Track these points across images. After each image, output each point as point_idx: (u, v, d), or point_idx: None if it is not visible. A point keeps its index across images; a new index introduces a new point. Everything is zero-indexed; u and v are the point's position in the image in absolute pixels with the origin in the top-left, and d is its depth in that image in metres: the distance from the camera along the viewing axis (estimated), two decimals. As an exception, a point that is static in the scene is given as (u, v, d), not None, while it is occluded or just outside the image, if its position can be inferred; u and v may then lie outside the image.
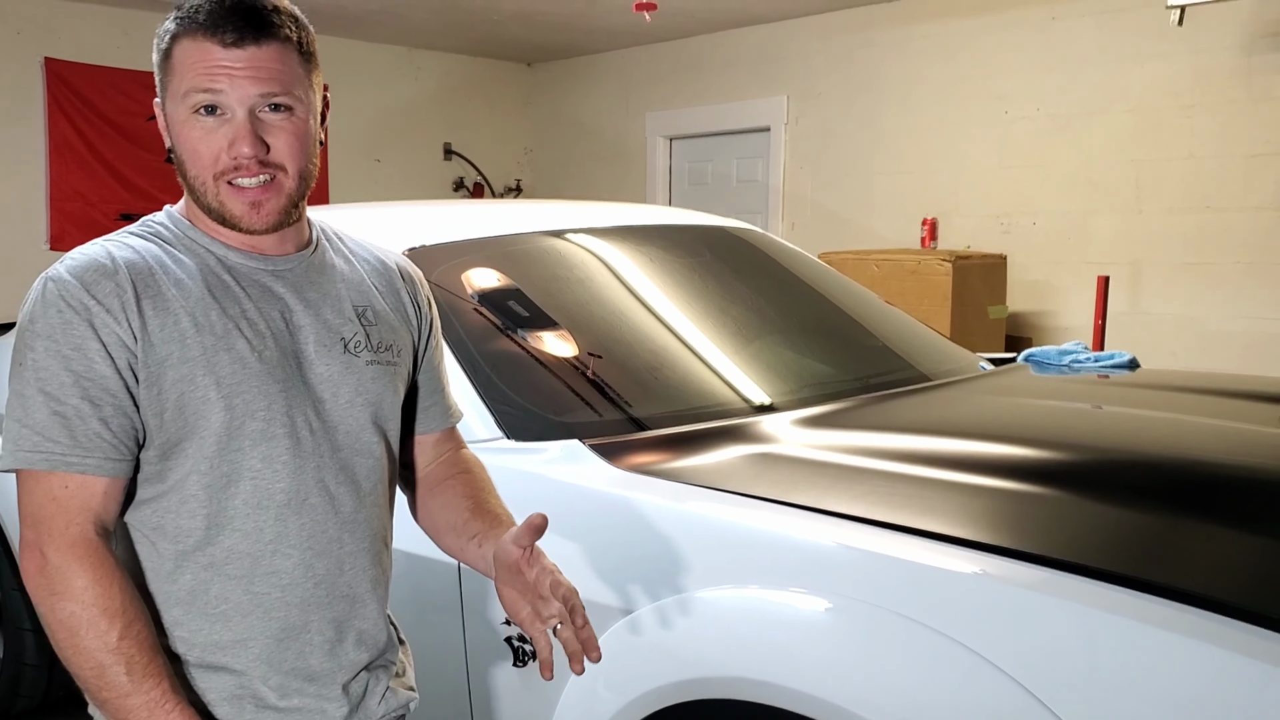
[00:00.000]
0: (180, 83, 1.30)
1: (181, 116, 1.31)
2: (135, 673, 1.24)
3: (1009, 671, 1.40)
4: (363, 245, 1.55)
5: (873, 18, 6.19)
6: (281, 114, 1.31)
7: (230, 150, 1.30)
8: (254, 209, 1.32)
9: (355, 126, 7.29)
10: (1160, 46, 5.15)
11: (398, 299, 1.52)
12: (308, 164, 1.35)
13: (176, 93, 1.31)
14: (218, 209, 1.33)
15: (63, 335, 1.25)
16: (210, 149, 1.30)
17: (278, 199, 1.33)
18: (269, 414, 1.32)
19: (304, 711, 1.38)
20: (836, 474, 1.92)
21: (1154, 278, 5.30)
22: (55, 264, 1.31)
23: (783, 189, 6.70)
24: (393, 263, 1.56)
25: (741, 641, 1.64)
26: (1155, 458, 2.04)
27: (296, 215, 1.38)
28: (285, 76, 1.31)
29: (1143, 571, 1.49)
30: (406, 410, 1.54)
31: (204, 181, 1.32)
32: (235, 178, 1.31)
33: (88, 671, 1.24)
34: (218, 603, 1.33)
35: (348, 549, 1.40)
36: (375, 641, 1.45)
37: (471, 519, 1.51)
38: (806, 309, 2.88)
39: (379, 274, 1.52)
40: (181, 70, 1.30)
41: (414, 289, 1.56)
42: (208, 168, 1.31)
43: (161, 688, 1.25)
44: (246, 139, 1.29)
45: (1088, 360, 2.80)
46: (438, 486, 1.58)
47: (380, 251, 1.57)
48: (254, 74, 1.29)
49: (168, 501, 1.31)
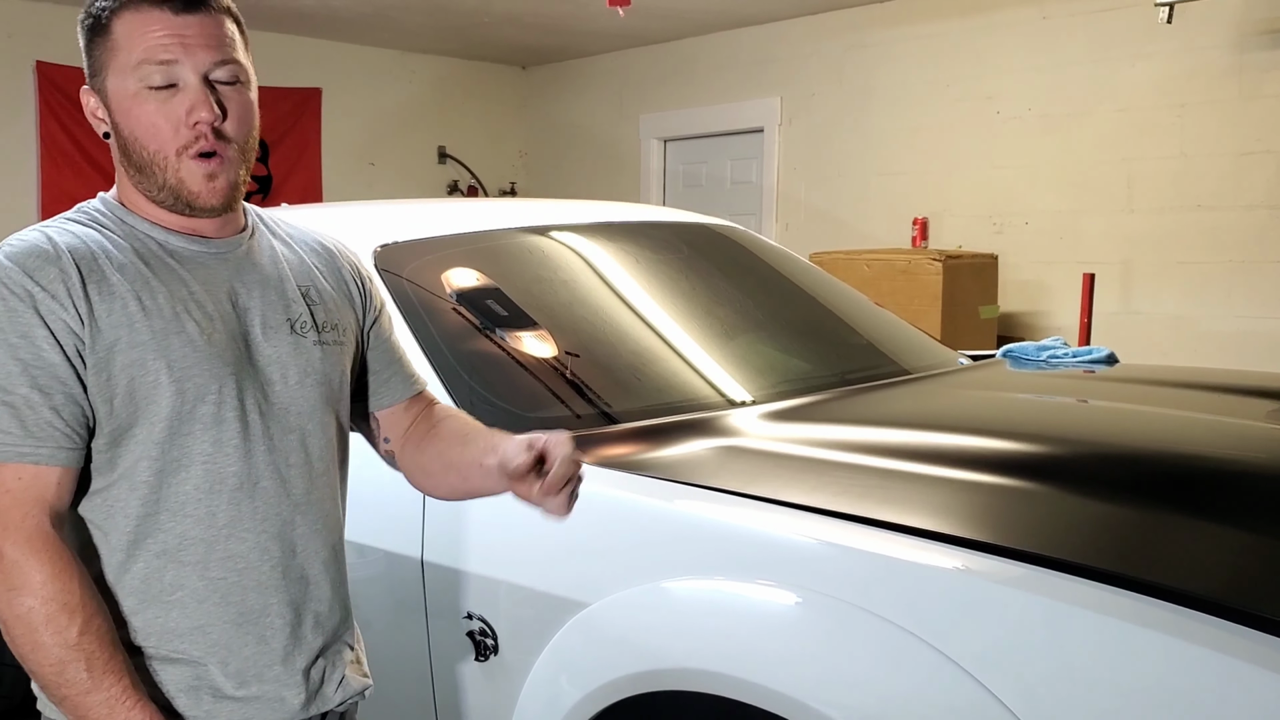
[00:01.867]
0: (128, 56, 1.29)
1: (131, 90, 1.29)
2: (96, 669, 1.23)
3: (970, 669, 1.38)
4: (299, 229, 1.55)
5: (864, 19, 6.19)
6: (231, 86, 1.32)
7: (189, 118, 1.28)
8: (209, 180, 1.31)
9: (349, 130, 7.30)
10: (1151, 45, 5.14)
11: (339, 278, 1.52)
12: (250, 137, 1.36)
13: (124, 67, 1.29)
14: (175, 185, 1.31)
15: (8, 323, 1.24)
16: (169, 121, 1.29)
17: (228, 172, 1.33)
18: (220, 397, 1.31)
19: (262, 700, 1.37)
20: (799, 466, 1.91)
21: (1145, 277, 5.28)
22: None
23: (776, 190, 6.70)
24: (331, 245, 1.56)
25: (699, 634, 1.63)
26: (1124, 450, 2.03)
27: (240, 195, 1.38)
28: (232, 46, 1.32)
29: (1112, 565, 1.47)
30: (373, 387, 1.54)
31: (165, 157, 1.30)
32: (198, 149, 1.29)
33: (47, 669, 1.23)
34: (172, 590, 1.32)
35: (300, 531, 1.39)
36: (330, 624, 1.44)
37: (465, 449, 1.47)
38: (780, 304, 2.87)
39: (319, 255, 1.52)
40: (128, 43, 1.28)
41: (354, 269, 1.57)
42: (169, 141, 1.30)
43: (122, 684, 1.24)
44: (205, 104, 1.28)
45: (1065, 355, 2.79)
46: (424, 441, 1.56)
47: (317, 234, 1.56)
48: (205, 41, 1.29)
49: (117, 489, 1.30)
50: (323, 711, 1.43)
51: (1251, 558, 1.57)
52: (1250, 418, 2.27)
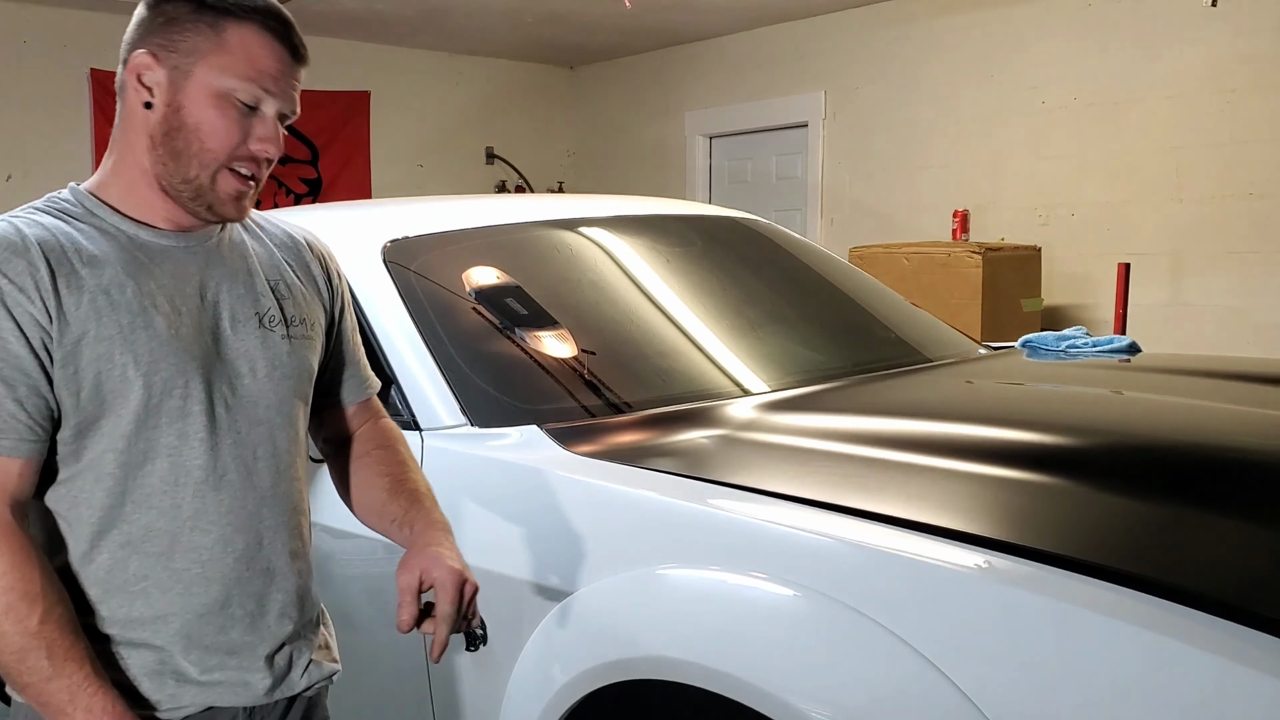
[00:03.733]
0: (235, 64, 1.32)
1: (213, 90, 1.32)
2: (56, 657, 1.23)
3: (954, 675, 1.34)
4: (271, 222, 1.57)
5: (907, 11, 6.13)
6: (283, 128, 1.39)
7: (258, 144, 1.34)
8: (237, 200, 1.37)
9: (397, 133, 7.38)
10: (1199, 30, 5.03)
11: (308, 273, 1.54)
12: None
13: (227, 70, 1.32)
14: (205, 185, 1.34)
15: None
16: (232, 134, 1.33)
17: (252, 197, 1.39)
18: (186, 391, 1.33)
19: (226, 685, 1.38)
20: (791, 457, 1.90)
21: (1195, 267, 5.17)
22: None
23: (821, 185, 6.66)
24: (301, 238, 1.57)
25: (682, 624, 1.62)
26: (1137, 440, 1.97)
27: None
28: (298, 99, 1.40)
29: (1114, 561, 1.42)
30: (326, 383, 1.56)
31: (216, 159, 1.33)
32: (245, 168, 1.35)
33: (8, 656, 1.24)
34: (137, 580, 1.34)
35: (267, 523, 1.40)
36: (296, 613, 1.45)
37: (390, 500, 1.54)
38: (794, 295, 2.85)
39: (289, 249, 1.53)
40: (244, 55, 1.32)
41: (324, 263, 1.58)
42: (228, 149, 1.33)
43: (84, 671, 1.25)
44: (275, 140, 1.35)
45: (1085, 345, 2.74)
46: (356, 463, 1.59)
47: (289, 227, 1.58)
48: (293, 90, 1.37)
49: (82, 480, 1.32)
50: (289, 696, 1.45)
51: (1265, 555, 1.51)
52: (1273, 407, 2.21)
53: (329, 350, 1.56)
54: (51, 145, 6.13)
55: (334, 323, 1.57)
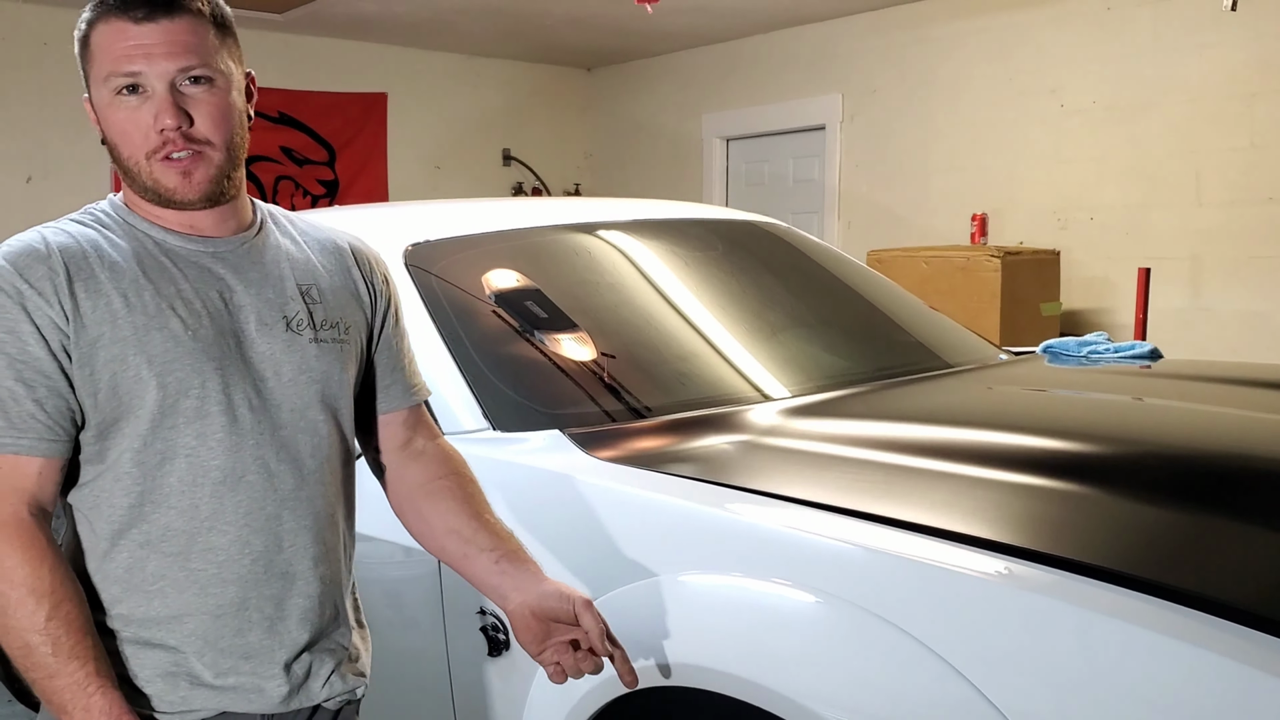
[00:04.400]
0: (100, 67, 1.33)
1: (106, 100, 1.34)
2: (61, 654, 1.25)
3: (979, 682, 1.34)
4: (315, 226, 1.56)
5: (926, 13, 6.12)
6: (201, 86, 1.34)
7: (155, 124, 1.32)
8: (185, 178, 1.34)
9: (415, 135, 7.39)
10: (1219, 34, 5.01)
11: (347, 277, 1.53)
12: (233, 135, 1.38)
13: (98, 78, 1.34)
14: (152, 187, 1.35)
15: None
16: (138, 128, 1.33)
17: (206, 169, 1.35)
18: (203, 392, 1.34)
19: (240, 690, 1.38)
20: (815, 463, 1.90)
21: (1215, 272, 5.15)
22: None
23: (838, 188, 6.65)
24: (345, 243, 1.57)
25: (708, 631, 1.62)
26: (1160, 448, 1.97)
27: (232, 191, 1.40)
28: (200, 49, 1.34)
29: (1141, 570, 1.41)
30: (369, 389, 1.56)
31: (137, 161, 1.34)
32: (167, 153, 1.33)
33: (15, 650, 1.26)
34: (154, 580, 1.35)
35: (287, 526, 1.40)
36: (318, 621, 1.44)
37: (480, 530, 1.55)
38: (816, 300, 2.85)
39: (328, 254, 1.53)
40: (100, 55, 1.33)
41: (369, 269, 1.57)
42: (139, 147, 1.33)
43: (86, 670, 1.26)
44: (169, 110, 1.31)
45: (1106, 351, 2.73)
46: (430, 484, 1.58)
47: (333, 233, 1.58)
48: (169, 49, 1.32)
49: (103, 481, 1.34)
50: (308, 706, 1.44)
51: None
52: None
53: (370, 356, 1.56)
54: (71, 147, 6.15)
55: (375, 329, 1.56)
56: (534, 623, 1.46)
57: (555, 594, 1.46)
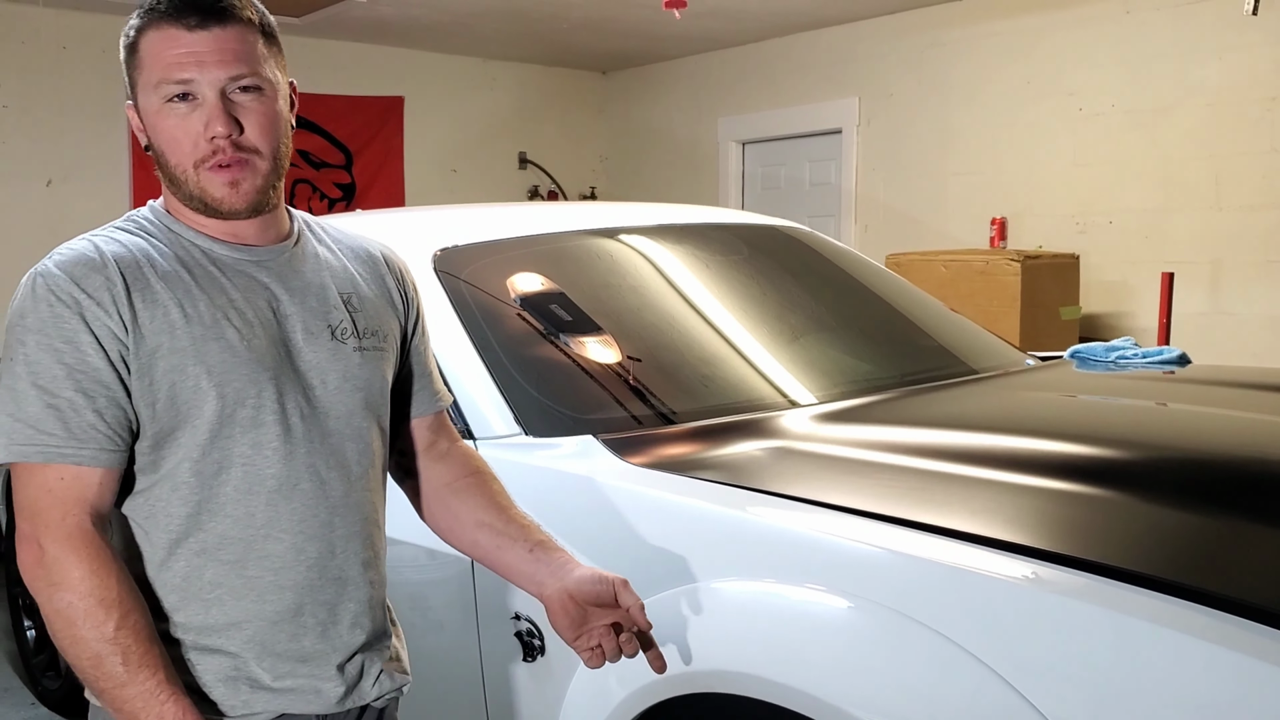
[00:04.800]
0: (150, 74, 1.33)
1: (155, 107, 1.33)
2: (131, 663, 1.25)
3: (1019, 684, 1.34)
4: (347, 234, 1.57)
5: (942, 17, 6.11)
6: (251, 95, 1.34)
7: (206, 132, 1.32)
8: (233, 188, 1.34)
9: (431, 138, 7.40)
10: (1239, 38, 5.00)
11: (382, 285, 1.54)
12: (279, 145, 1.38)
13: (148, 85, 1.33)
14: (199, 195, 1.35)
15: (54, 329, 1.28)
16: (188, 135, 1.32)
17: (253, 178, 1.35)
18: (259, 401, 1.34)
19: (299, 692, 1.39)
20: (849, 469, 1.89)
21: (1235, 277, 5.13)
22: (44, 259, 1.34)
23: (855, 191, 6.64)
24: (378, 251, 1.58)
25: (746, 637, 1.62)
26: (1197, 454, 1.96)
27: (275, 201, 1.41)
28: (251, 57, 1.34)
29: (1175, 575, 1.41)
30: (397, 396, 1.56)
31: (185, 170, 1.34)
32: (216, 162, 1.33)
33: (85, 662, 1.26)
34: (211, 588, 1.35)
35: (339, 532, 1.42)
36: (368, 623, 1.46)
37: (510, 522, 1.56)
38: (841, 305, 2.85)
39: (363, 262, 1.54)
40: (150, 62, 1.33)
41: (400, 277, 1.58)
42: (187, 155, 1.33)
43: (157, 678, 1.26)
44: (220, 118, 1.31)
45: (1135, 356, 2.72)
46: (457, 483, 1.60)
47: (365, 241, 1.59)
48: (221, 56, 1.32)
49: (159, 490, 1.34)
50: (360, 705, 1.46)
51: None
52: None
53: (402, 363, 1.57)
54: (90, 151, 6.19)
55: (407, 336, 1.58)
56: (572, 606, 1.46)
57: (592, 577, 1.47)
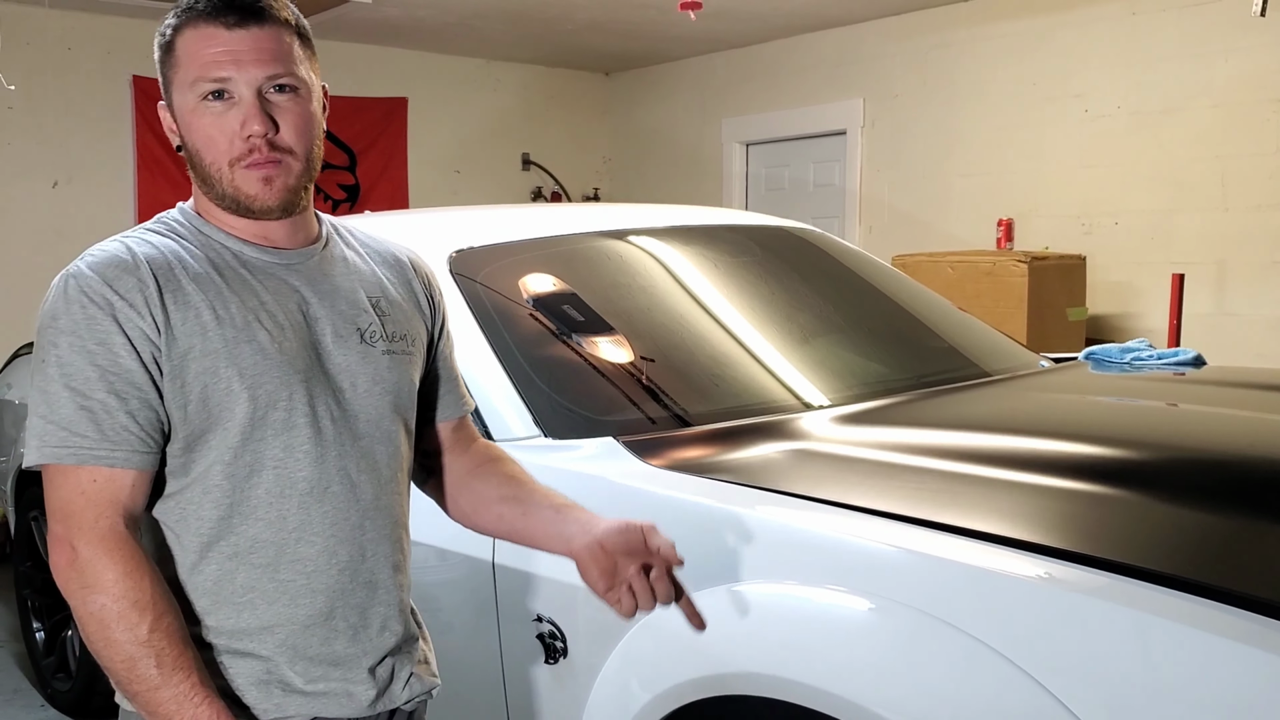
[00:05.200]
0: (186, 72, 1.33)
1: (190, 105, 1.33)
2: (165, 665, 1.25)
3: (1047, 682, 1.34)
4: (373, 238, 1.57)
5: (947, 18, 6.11)
6: (286, 95, 1.34)
7: (242, 131, 1.32)
8: (266, 184, 1.34)
9: (435, 139, 7.40)
10: (1245, 39, 5.00)
11: (410, 290, 1.54)
12: (313, 146, 1.38)
13: (184, 83, 1.33)
14: (232, 194, 1.35)
15: (87, 330, 1.27)
16: (224, 134, 1.32)
17: (286, 177, 1.35)
18: (290, 404, 1.34)
19: (331, 695, 1.39)
20: (871, 470, 1.89)
21: (1241, 278, 5.13)
22: (75, 261, 1.34)
23: (859, 192, 6.64)
24: (404, 255, 1.58)
25: (769, 639, 1.62)
26: (1216, 455, 1.97)
27: (305, 202, 1.41)
28: (287, 58, 1.34)
29: (1192, 573, 1.42)
30: (423, 399, 1.56)
31: (219, 169, 1.34)
32: (251, 161, 1.33)
33: (118, 664, 1.26)
34: (243, 591, 1.35)
35: (369, 536, 1.42)
36: (397, 626, 1.46)
37: (535, 490, 1.56)
38: (856, 306, 2.84)
39: (390, 266, 1.54)
40: (187, 60, 1.33)
41: (426, 281, 1.59)
42: (223, 154, 1.33)
43: (190, 680, 1.26)
44: (257, 117, 1.31)
45: (1150, 358, 2.72)
46: (478, 468, 1.61)
47: (391, 245, 1.59)
48: (258, 55, 1.32)
49: (191, 493, 1.34)
50: (390, 709, 1.45)
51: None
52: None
53: (428, 367, 1.57)
54: (95, 152, 6.18)
55: (433, 340, 1.58)
56: (602, 556, 1.41)
57: (620, 526, 1.42)
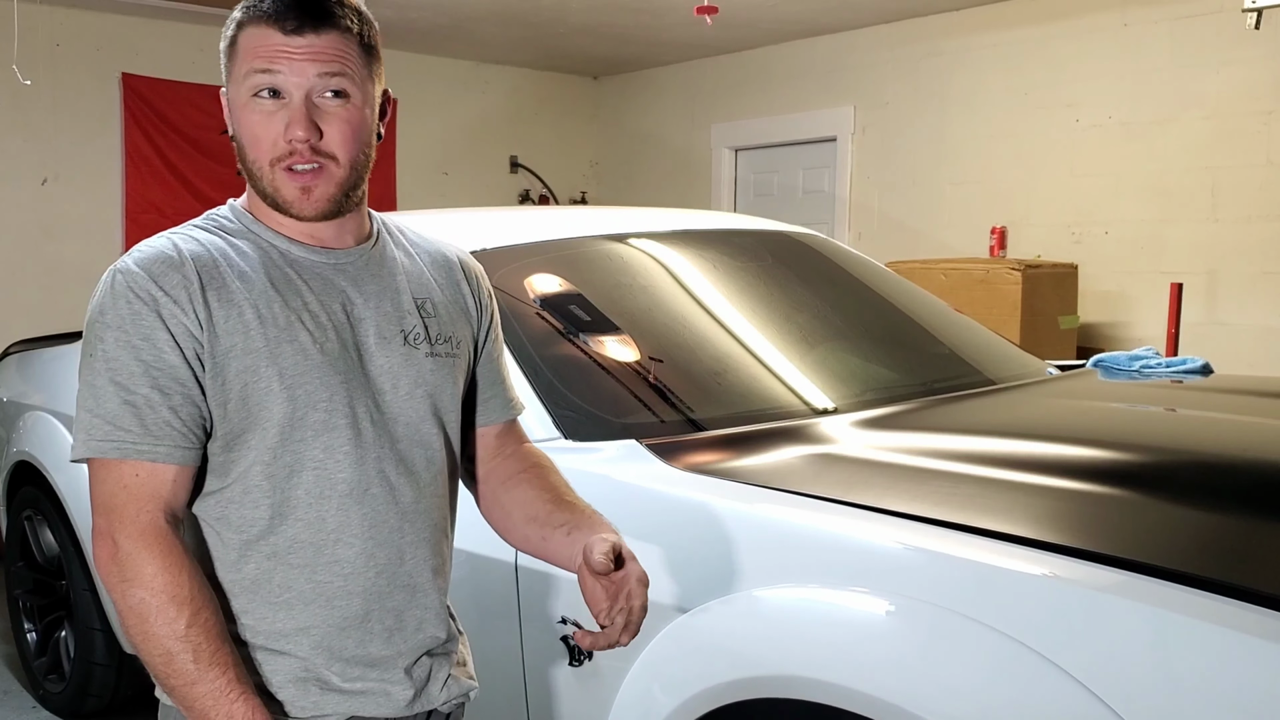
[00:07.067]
0: (241, 66, 1.33)
1: (242, 100, 1.33)
2: (202, 661, 1.25)
3: (1075, 675, 1.35)
4: (424, 238, 1.56)
5: (939, 27, 6.14)
6: (337, 100, 1.33)
7: (286, 134, 1.31)
8: (304, 194, 1.34)
9: (423, 140, 7.37)
10: (1237, 51, 5.04)
11: (457, 291, 1.53)
12: (360, 154, 1.36)
13: (238, 76, 1.34)
14: (272, 194, 1.35)
15: (132, 326, 1.28)
16: (269, 134, 1.32)
17: (327, 186, 1.34)
18: (330, 405, 1.34)
19: (369, 694, 1.39)
20: (895, 474, 1.89)
21: (1231, 288, 5.17)
22: (123, 256, 1.34)
23: (849, 199, 6.66)
24: (454, 256, 1.57)
25: (799, 640, 1.62)
26: (1227, 460, 1.99)
27: (351, 204, 1.40)
28: (342, 64, 1.33)
29: (1215, 572, 1.43)
30: (467, 403, 1.55)
31: (261, 166, 1.34)
32: (291, 164, 1.32)
33: (156, 658, 1.26)
34: (281, 591, 1.35)
35: (408, 539, 1.41)
36: (435, 629, 1.45)
37: (556, 510, 1.50)
38: (867, 312, 2.85)
39: (439, 267, 1.53)
40: (244, 55, 1.33)
41: (475, 283, 1.57)
42: (265, 152, 1.33)
43: (227, 676, 1.26)
44: (301, 122, 1.31)
45: (1158, 365, 2.74)
46: (511, 480, 1.57)
47: (442, 245, 1.57)
48: (311, 59, 1.31)
49: (231, 492, 1.33)
50: (428, 710, 1.45)
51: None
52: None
53: (474, 369, 1.55)
54: (83, 149, 6.12)
55: (480, 343, 1.56)
56: (592, 583, 1.36)
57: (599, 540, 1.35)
